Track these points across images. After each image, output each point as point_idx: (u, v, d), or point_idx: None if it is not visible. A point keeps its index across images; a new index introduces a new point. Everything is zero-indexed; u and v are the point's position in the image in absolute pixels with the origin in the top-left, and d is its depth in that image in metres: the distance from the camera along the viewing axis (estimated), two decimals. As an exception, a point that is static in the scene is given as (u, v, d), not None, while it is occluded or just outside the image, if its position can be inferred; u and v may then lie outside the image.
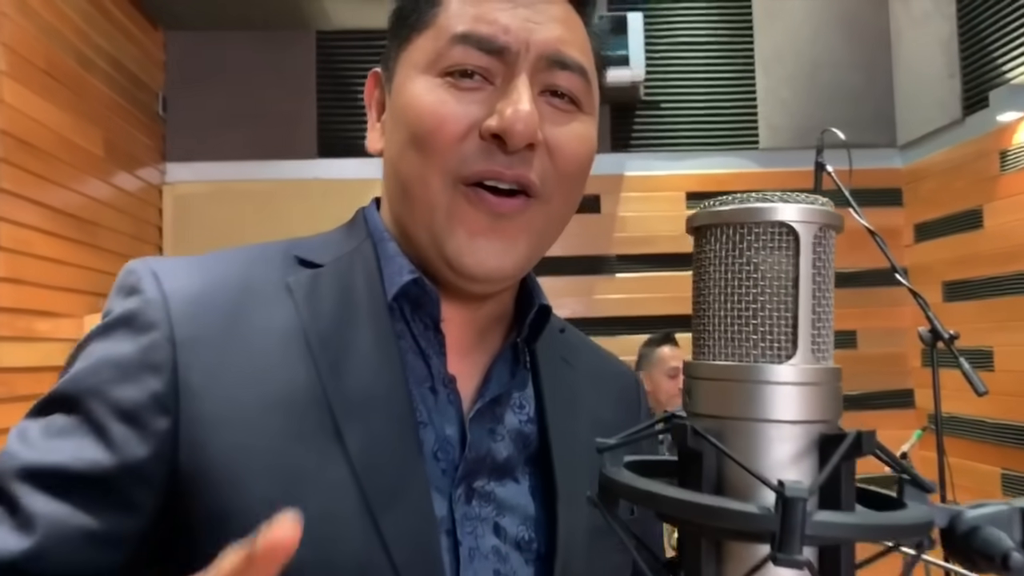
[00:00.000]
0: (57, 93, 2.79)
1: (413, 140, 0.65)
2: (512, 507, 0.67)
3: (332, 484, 0.60)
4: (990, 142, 3.32)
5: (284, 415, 0.61)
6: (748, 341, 0.37)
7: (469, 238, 0.64)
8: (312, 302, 0.66)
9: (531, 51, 0.65)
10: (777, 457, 0.36)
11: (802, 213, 0.36)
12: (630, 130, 3.99)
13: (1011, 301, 3.24)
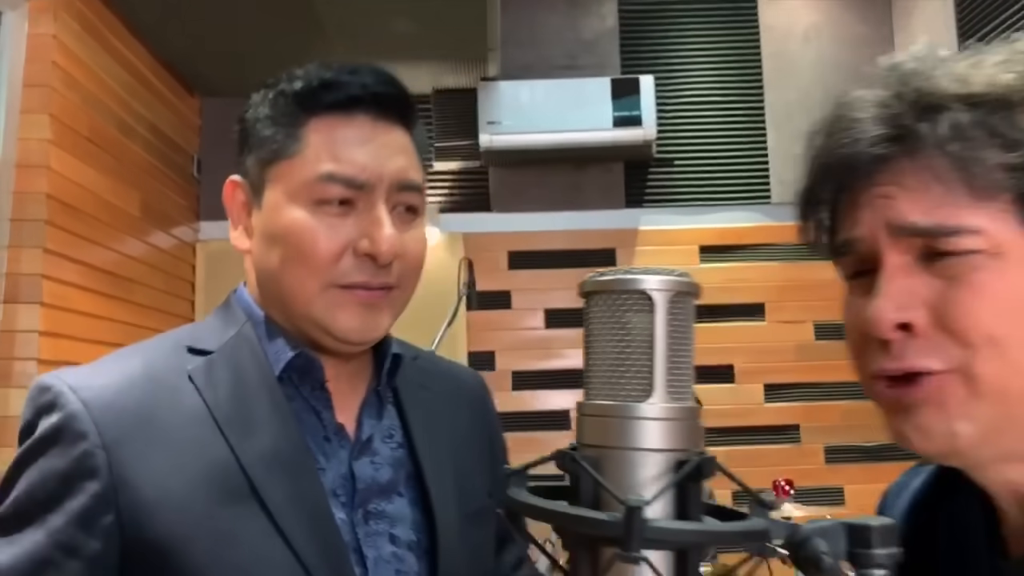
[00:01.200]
0: (99, 158, 2.98)
1: (295, 258, 0.81)
2: (400, 518, 0.84)
3: (257, 534, 0.75)
4: None
5: (207, 488, 0.75)
6: (619, 384, 0.46)
7: (348, 319, 0.82)
8: (212, 386, 0.81)
9: (384, 181, 0.82)
10: (642, 478, 0.45)
11: (658, 283, 0.46)
12: (644, 186, 4.11)
13: None
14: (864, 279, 0.62)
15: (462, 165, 4.10)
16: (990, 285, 0.56)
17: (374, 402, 0.89)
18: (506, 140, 3.85)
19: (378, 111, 0.83)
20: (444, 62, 3.81)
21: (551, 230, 4.07)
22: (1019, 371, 0.57)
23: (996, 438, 0.57)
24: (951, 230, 0.57)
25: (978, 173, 0.57)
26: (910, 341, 0.58)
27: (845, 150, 0.64)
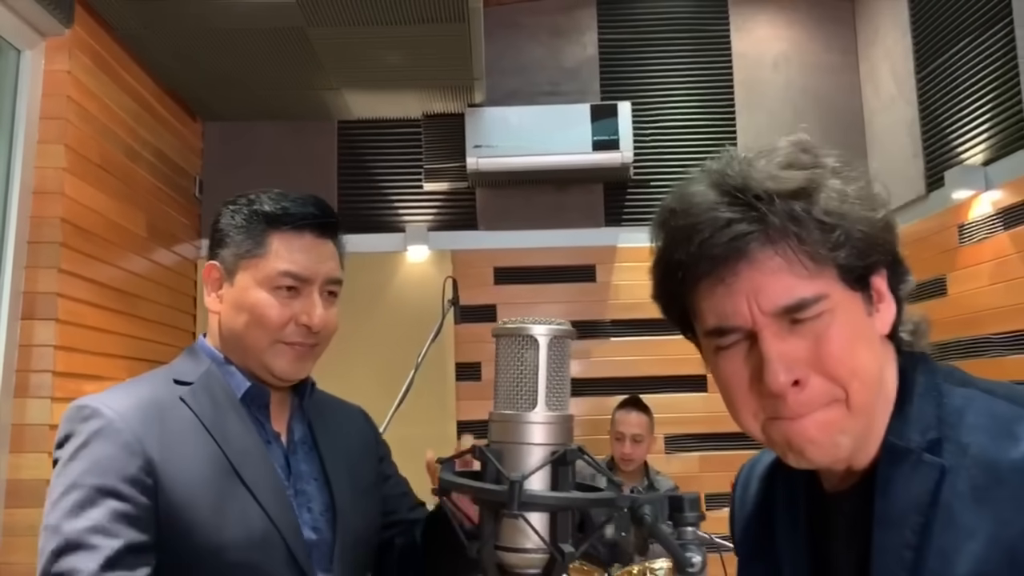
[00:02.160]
0: (108, 183, 3.19)
1: (257, 322, 1.21)
2: (314, 496, 1.25)
3: (241, 501, 1.14)
4: (949, 217, 3.60)
5: (205, 470, 1.13)
6: (515, 399, 0.67)
7: (286, 365, 1.23)
8: (198, 404, 1.19)
9: (319, 277, 1.23)
10: (529, 464, 0.66)
11: (543, 331, 0.67)
12: (622, 206, 4.33)
13: (974, 364, 3.47)
14: (735, 350, 0.78)
15: (450, 186, 4.32)
16: (840, 332, 0.75)
17: (298, 417, 1.30)
18: (492, 162, 4.07)
19: (317, 231, 1.24)
20: (433, 89, 4.03)
21: (535, 247, 4.29)
22: (872, 389, 0.77)
23: (862, 444, 0.78)
24: (810, 301, 0.75)
25: (814, 253, 0.75)
26: (802, 392, 0.75)
27: (715, 251, 0.75)
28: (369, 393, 3.67)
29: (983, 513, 0.71)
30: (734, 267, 0.76)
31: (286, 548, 1.14)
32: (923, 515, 0.74)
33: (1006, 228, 3.25)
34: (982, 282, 3.40)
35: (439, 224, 4.34)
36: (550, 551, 0.63)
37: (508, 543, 0.64)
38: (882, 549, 0.75)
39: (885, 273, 0.81)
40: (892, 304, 0.82)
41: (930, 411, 0.78)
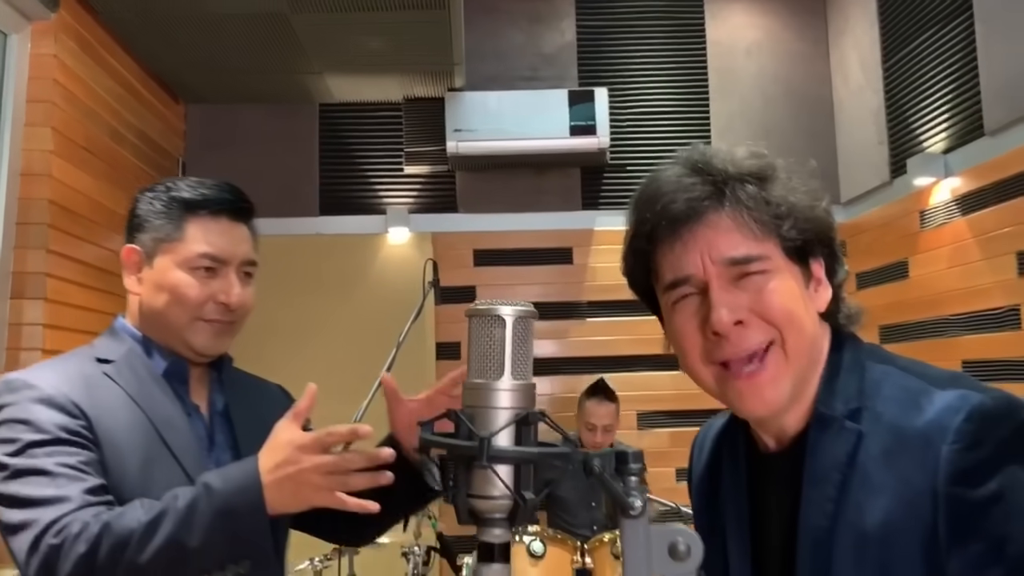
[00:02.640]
0: (93, 165, 3.25)
1: (177, 302, 1.28)
2: (226, 460, 1.31)
3: (167, 464, 1.23)
4: (911, 203, 3.75)
5: (135, 436, 1.22)
6: (485, 369, 0.77)
7: (205, 341, 1.30)
8: (123, 380, 1.26)
9: (236, 258, 1.30)
10: (496, 424, 0.76)
11: (509, 311, 0.77)
12: (599, 190, 4.44)
13: (934, 343, 3.63)
14: (687, 301, 0.91)
15: (431, 169, 4.40)
16: (778, 288, 0.87)
17: (217, 390, 1.39)
18: (471, 146, 4.16)
19: (233, 215, 1.31)
20: (413, 74, 4.10)
21: (513, 230, 4.39)
22: (806, 339, 0.88)
23: (796, 389, 0.89)
24: (753, 258, 0.87)
25: (760, 222, 0.88)
26: (743, 331, 0.87)
27: (675, 209, 0.88)
28: (351, 370, 3.78)
29: (891, 472, 0.83)
30: (691, 227, 0.88)
31: None
32: (842, 473, 0.86)
33: (963, 214, 3.39)
34: (941, 265, 3.55)
35: (420, 207, 4.43)
36: (514, 498, 0.74)
37: (478, 492, 0.74)
38: (808, 502, 0.87)
39: (822, 261, 0.93)
40: (828, 289, 0.94)
41: (853, 384, 0.90)
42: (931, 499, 0.78)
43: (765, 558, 0.93)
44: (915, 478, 0.80)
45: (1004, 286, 3.15)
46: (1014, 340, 3.11)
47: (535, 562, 2.68)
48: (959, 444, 0.78)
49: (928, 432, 0.80)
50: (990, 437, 0.78)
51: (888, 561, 0.80)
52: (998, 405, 0.80)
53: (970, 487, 0.77)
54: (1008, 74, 3.08)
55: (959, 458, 0.78)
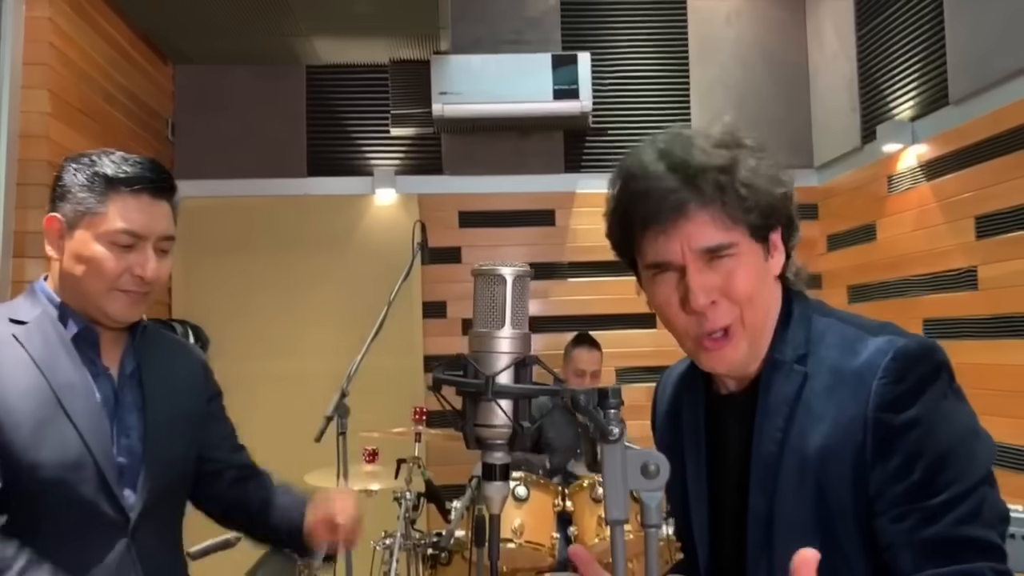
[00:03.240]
0: (88, 127, 3.32)
1: (95, 273, 1.34)
2: (134, 424, 1.41)
3: (61, 426, 1.30)
4: (880, 168, 3.91)
5: (30, 401, 1.29)
6: (489, 320, 0.91)
7: (121, 310, 1.37)
8: (30, 343, 1.33)
9: (153, 234, 1.36)
10: (498, 367, 0.91)
11: (509, 271, 0.91)
12: (581, 153, 4.56)
13: (897, 302, 3.82)
14: (666, 276, 1.04)
15: (416, 131, 4.49)
16: (743, 272, 1.01)
17: (131, 353, 1.46)
18: (456, 109, 4.25)
19: (153, 192, 1.37)
20: (400, 36, 4.17)
21: (498, 192, 4.51)
22: (761, 313, 1.04)
23: (752, 351, 1.05)
24: (725, 246, 1.01)
25: (732, 214, 1.01)
26: (715, 309, 1.02)
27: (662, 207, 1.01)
28: (340, 328, 3.92)
29: (830, 405, 0.99)
30: (675, 221, 1.01)
31: (97, 469, 1.31)
32: (790, 407, 1.01)
33: (928, 180, 3.56)
34: (906, 228, 3.73)
35: (406, 168, 4.53)
36: (513, 426, 0.89)
37: (483, 421, 0.89)
38: (760, 432, 1.03)
39: (780, 231, 1.07)
40: (783, 253, 1.09)
41: (801, 334, 1.06)
42: (862, 425, 0.94)
43: (720, 485, 1.10)
44: (850, 408, 0.96)
45: (963, 249, 3.33)
46: (971, 300, 3.30)
47: (519, 505, 2.87)
48: (886, 379, 0.94)
49: (861, 371, 0.96)
50: (912, 373, 0.94)
51: (824, 478, 0.96)
52: (920, 346, 0.96)
53: (894, 413, 0.93)
54: (972, 46, 3.22)
55: (886, 390, 0.94)
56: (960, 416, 0.94)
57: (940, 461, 0.91)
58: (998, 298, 3.14)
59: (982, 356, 3.22)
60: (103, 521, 1.34)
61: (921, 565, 0.88)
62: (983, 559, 0.87)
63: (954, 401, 0.95)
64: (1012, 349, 3.05)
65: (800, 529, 1.00)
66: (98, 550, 1.34)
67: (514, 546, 2.83)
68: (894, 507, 0.91)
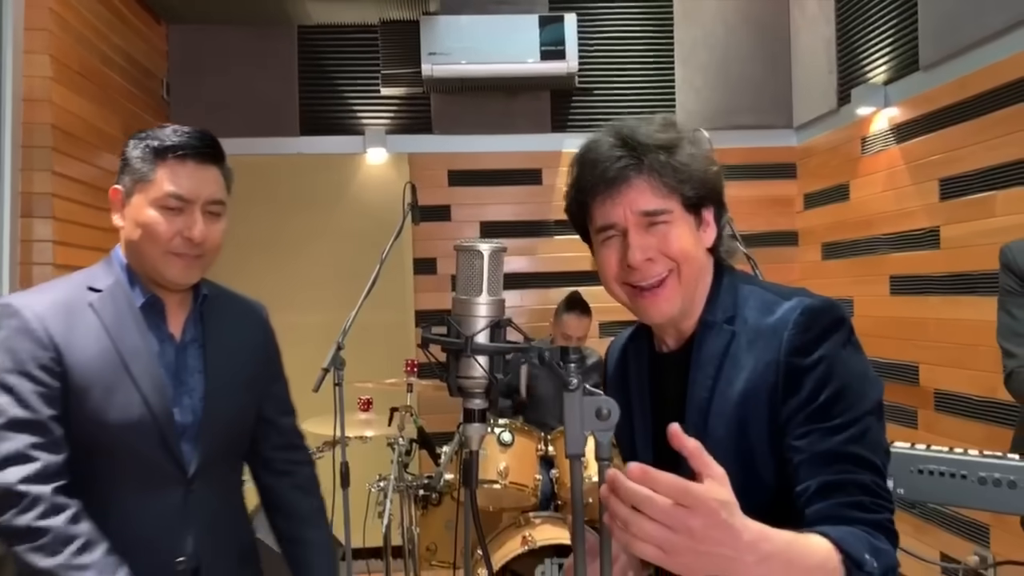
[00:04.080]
0: (87, 89, 3.42)
1: (148, 238, 1.44)
2: (196, 386, 1.52)
3: (126, 389, 1.42)
4: (854, 130, 4.05)
5: (101, 365, 1.41)
6: (468, 288, 1.08)
7: (175, 273, 1.47)
8: (104, 311, 1.45)
9: (200, 198, 1.45)
10: (477, 327, 1.08)
11: (486, 247, 1.07)
12: (567, 113, 4.68)
13: (866, 259, 4.00)
14: (612, 240, 1.21)
15: (406, 91, 4.59)
16: (677, 234, 1.19)
17: (194, 319, 1.57)
18: (445, 69, 4.34)
19: (199, 158, 1.47)
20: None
21: (486, 151, 4.63)
22: (695, 270, 1.21)
23: (686, 305, 1.23)
24: (661, 211, 1.19)
25: (667, 185, 1.19)
26: (650, 265, 1.19)
27: (609, 175, 1.18)
28: (333, 284, 4.08)
29: (751, 355, 1.16)
30: (620, 187, 1.18)
31: (158, 429, 1.44)
32: (719, 360, 1.19)
33: (898, 143, 3.71)
34: (877, 189, 3.89)
35: (396, 128, 4.64)
36: (489, 378, 1.06)
37: (464, 374, 1.06)
38: (694, 382, 1.21)
39: (712, 209, 1.25)
40: (714, 230, 1.26)
41: (729, 300, 1.24)
42: (775, 368, 1.12)
43: (662, 429, 1.28)
44: (766, 356, 1.14)
45: (928, 209, 3.50)
46: (933, 258, 3.48)
47: (504, 450, 3.07)
48: (795, 330, 1.12)
49: (776, 325, 1.14)
50: (816, 324, 1.12)
51: (745, 417, 1.14)
52: (823, 304, 1.14)
53: (801, 357, 1.11)
54: (943, 13, 3.35)
55: (795, 338, 1.12)
56: (856, 362, 1.12)
57: (837, 394, 1.08)
58: (958, 257, 3.33)
59: (943, 311, 3.42)
60: (163, 474, 1.47)
61: (816, 473, 1.06)
62: (867, 472, 1.05)
63: (852, 350, 1.12)
64: (970, 305, 3.24)
65: (724, 460, 1.19)
66: (157, 500, 1.47)
67: (499, 487, 3.04)
68: (797, 428, 1.09)
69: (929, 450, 1.60)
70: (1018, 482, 1.52)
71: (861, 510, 1.02)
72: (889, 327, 3.78)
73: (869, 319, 3.93)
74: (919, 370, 3.61)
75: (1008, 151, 3.00)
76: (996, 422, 3.10)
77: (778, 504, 1.13)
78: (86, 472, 1.43)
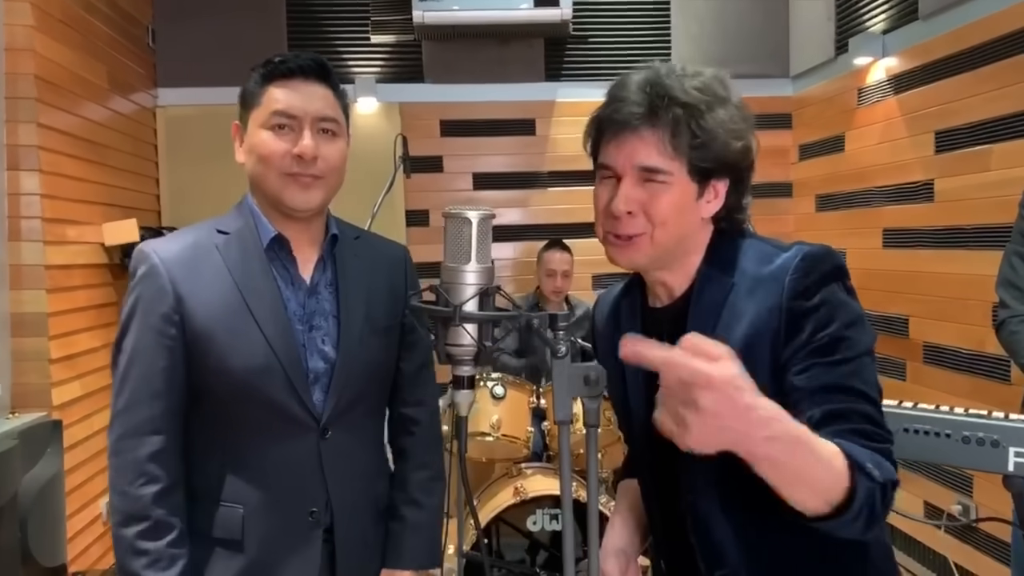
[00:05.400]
0: (70, 37, 3.35)
1: (262, 160, 1.40)
2: (330, 331, 1.48)
3: (250, 332, 1.39)
4: (851, 80, 4.00)
5: (224, 309, 1.39)
6: (457, 255, 1.08)
7: (292, 196, 1.41)
8: (228, 253, 1.42)
9: (307, 115, 1.40)
10: (466, 295, 1.07)
11: (474, 215, 1.07)
12: (561, 62, 4.60)
13: (860, 212, 4.00)
14: (608, 181, 1.21)
15: (397, 39, 4.50)
16: (667, 199, 1.17)
17: (322, 264, 1.50)
18: (437, 16, 4.25)
19: (304, 77, 1.42)
20: (379, -58, 4.13)
21: (479, 101, 4.56)
22: (672, 237, 1.19)
23: (657, 263, 1.22)
24: (659, 170, 1.16)
25: (675, 145, 1.16)
26: (630, 219, 1.18)
27: (618, 116, 1.17)
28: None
29: (751, 303, 1.17)
30: (627, 135, 1.17)
31: (284, 374, 1.39)
32: (719, 309, 1.20)
33: (895, 94, 3.67)
34: (872, 141, 3.86)
35: (387, 76, 4.56)
36: (477, 345, 1.06)
37: (452, 342, 1.07)
38: (692, 332, 1.22)
39: (727, 182, 1.21)
40: (720, 202, 1.23)
41: (729, 253, 1.23)
42: (777, 313, 1.13)
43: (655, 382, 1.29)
44: (767, 301, 1.14)
45: (923, 162, 3.48)
46: (927, 211, 3.48)
47: (497, 403, 3.10)
48: (796, 274, 1.13)
49: (776, 272, 1.15)
50: (816, 269, 1.13)
51: (747, 361, 1.15)
52: (822, 250, 1.15)
53: (802, 300, 1.11)
54: (944, -39, 3.27)
55: (795, 283, 1.12)
56: (853, 307, 1.14)
57: (837, 334, 1.10)
58: (952, 210, 3.32)
59: (935, 265, 3.43)
60: (293, 422, 1.42)
61: (820, 403, 1.08)
62: (867, 404, 1.09)
63: (849, 296, 1.14)
64: (962, 259, 3.25)
65: None
66: (289, 448, 1.43)
67: (492, 439, 3.08)
68: (798, 364, 1.11)
69: (916, 408, 1.62)
70: (1001, 441, 1.54)
71: (864, 437, 1.06)
72: (881, 280, 3.79)
73: (861, 271, 3.93)
74: (909, 323, 3.63)
75: (1005, 104, 2.97)
76: (983, 375, 3.13)
77: None
78: (214, 420, 1.42)
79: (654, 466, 1.30)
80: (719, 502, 1.20)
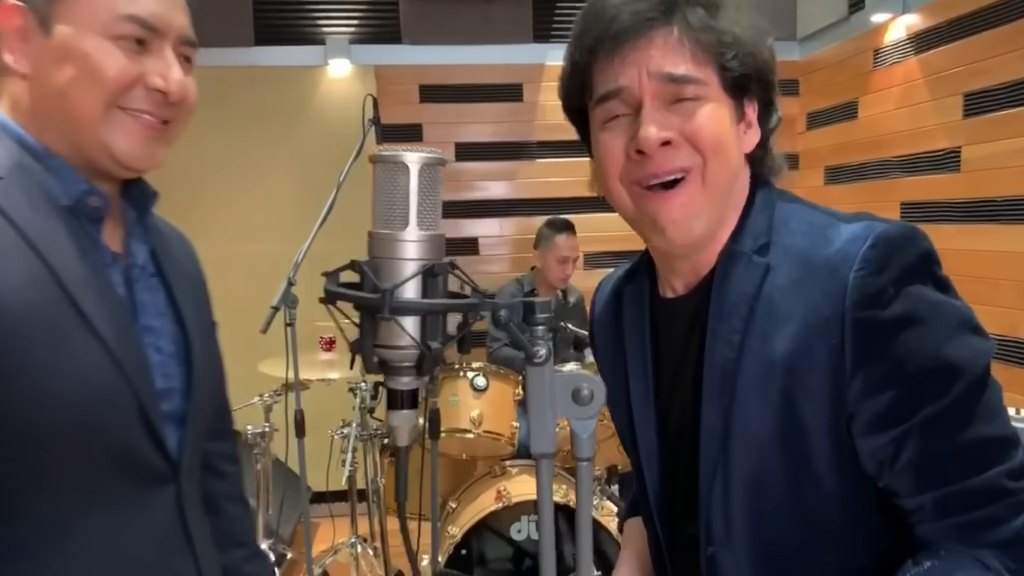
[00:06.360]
0: None
1: (88, 78, 0.89)
2: (163, 334, 0.99)
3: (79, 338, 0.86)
4: (866, 40, 3.67)
5: (33, 298, 0.84)
6: (390, 219, 0.75)
7: (131, 144, 0.92)
8: (14, 209, 0.86)
9: (173, 32, 0.93)
10: (401, 276, 0.75)
11: (414, 158, 0.74)
12: (551, 22, 4.25)
13: (875, 184, 3.68)
14: (617, 122, 0.88)
15: (372, -4, 4.14)
16: (711, 116, 0.86)
17: (138, 235, 1.01)
18: (416, -29, 3.90)
19: None
20: None
21: (461, 64, 4.21)
22: (727, 171, 0.88)
23: (714, 222, 0.89)
24: (692, 79, 0.85)
25: (703, 46, 0.85)
26: (668, 152, 0.85)
27: (620, 22, 0.85)
28: (291, 210, 3.71)
29: (798, 301, 0.84)
30: (634, 42, 0.85)
31: (136, 401, 0.90)
32: (749, 305, 0.87)
33: (916, 53, 3.34)
34: (890, 106, 3.54)
35: (361, 37, 4.20)
36: (420, 347, 0.74)
37: (385, 342, 0.74)
38: (715, 336, 0.90)
39: (756, 106, 0.91)
40: (757, 133, 0.92)
41: (763, 221, 0.91)
42: (839, 324, 0.80)
43: (669, 400, 0.97)
44: (822, 305, 0.82)
45: (948, 128, 3.16)
46: (952, 182, 3.16)
47: (479, 395, 2.79)
48: (865, 270, 0.80)
49: (834, 260, 0.82)
50: (895, 262, 0.80)
51: (792, 387, 0.83)
52: (903, 232, 0.82)
53: (876, 311, 0.79)
54: (977, -99, 2.94)
55: (865, 283, 0.79)
56: (953, 310, 0.81)
57: (935, 363, 0.78)
58: (980, 180, 3.01)
59: (960, 241, 3.12)
60: (143, 475, 0.94)
61: (929, 484, 0.78)
62: (994, 465, 0.78)
63: (945, 294, 0.81)
64: (992, 234, 2.95)
65: (761, 445, 0.87)
66: (142, 516, 0.94)
67: (472, 436, 2.77)
68: (887, 420, 0.79)
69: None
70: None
71: (990, 526, 0.77)
72: (898, 258, 3.48)
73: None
74: (929, 305, 3.33)
75: (1047, 60, 2.66)
76: (1018, 364, 2.83)
77: (835, 509, 0.84)
78: (23, 480, 0.87)
79: (668, 509, 0.98)
80: (748, 557, 0.89)
